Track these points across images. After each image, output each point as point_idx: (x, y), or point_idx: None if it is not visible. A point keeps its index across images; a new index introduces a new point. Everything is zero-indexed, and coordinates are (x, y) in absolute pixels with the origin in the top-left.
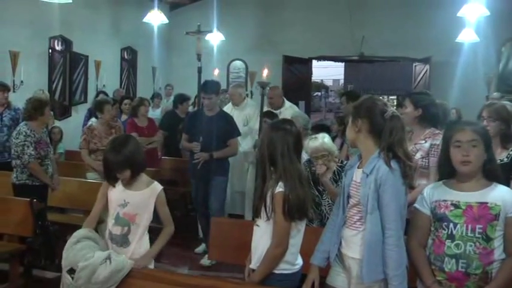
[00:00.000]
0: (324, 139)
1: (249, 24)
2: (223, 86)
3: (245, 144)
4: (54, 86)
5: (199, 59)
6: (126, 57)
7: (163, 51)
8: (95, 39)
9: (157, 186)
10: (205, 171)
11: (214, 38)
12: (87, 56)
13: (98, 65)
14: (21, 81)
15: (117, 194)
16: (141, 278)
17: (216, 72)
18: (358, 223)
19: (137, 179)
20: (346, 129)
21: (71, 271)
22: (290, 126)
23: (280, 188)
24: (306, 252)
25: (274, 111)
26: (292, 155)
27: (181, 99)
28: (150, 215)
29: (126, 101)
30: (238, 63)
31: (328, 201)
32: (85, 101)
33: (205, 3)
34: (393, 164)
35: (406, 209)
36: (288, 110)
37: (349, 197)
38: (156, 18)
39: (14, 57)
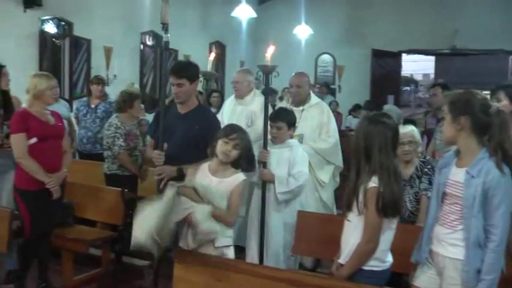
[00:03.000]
0: (413, 128)
1: (337, 18)
2: (310, 80)
3: None
4: (145, 79)
5: (165, 30)
6: (214, 51)
7: (251, 45)
8: (184, 34)
9: (241, 176)
10: None
11: (302, 32)
12: (177, 51)
13: (187, 59)
14: (115, 75)
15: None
16: (235, 271)
17: (212, 56)
18: (455, 222)
19: (228, 168)
20: (444, 125)
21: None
22: (389, 120)
23: (373, 183)
24: (396, 250)
25: (295, 107)
26: (389, 150)
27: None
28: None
29: (214, 94)
30: (326, 57)
31: (409, 197)
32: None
33: None
34: (504, 167)
35: None
36: (315, 109)
37: (444, 194)
38: (244, 12)
39: (108, 52)
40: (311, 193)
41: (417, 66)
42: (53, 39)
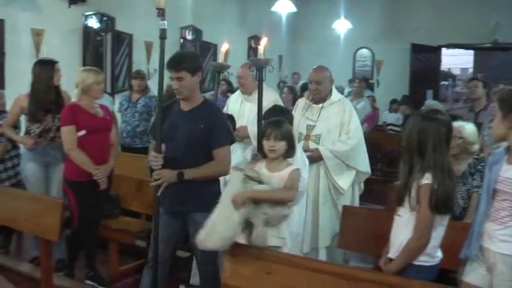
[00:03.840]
0: (466, 124)
1: (377, 12)
2: (349, 75)
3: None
4: None
5: (161, 16)
6: (253, 45)
7: (290, 39)
8: (223, 28)
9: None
10: (175, 201)
11: (341, 26)
12: (216, 45)
13: (226, 53)
14: (155, 70)
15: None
16: (279, 263)
17: (225, 47)
18: (506, 218)
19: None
20: (494, 122)
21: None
22: (442, 116)
23: (427, 180)
24: (444, 246)
25: (314, 105)
26: (443, 147)
27: (305, 86)
28: None
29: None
30: (364, 52)
31: (461, 194)
32: (212, 89)
33: None
34: None
35: None
36: (336, 107)
37: (495, 191)
38: (284, 7)
39: (149, 47)
40: (325, 200)
41: (455, 60)
42: (96, 34)
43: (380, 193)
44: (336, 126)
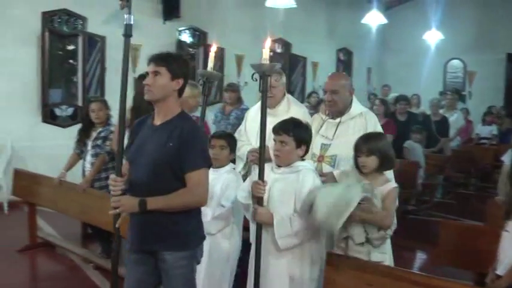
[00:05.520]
0: None
1: (469, 22)
2: (439, 87)
3: None
4: None
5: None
6: (341, 58)
7: (379, 51)
8: (312, 41)
9: (392, 184)
10: (140, 236)
11: (432, 37)
12: (305, 58)
13: (315, 66)
14: (246, 83)
15: None
16: (382, 275)
17: (213, 51)
18: None
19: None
20: None
21: None
22: None
23: None
24: None
25: (331, 119)
26: None
27: (401, 98)
28: None
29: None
30: (455, 63)
31: None
32: (302, 101)
33: (422, 2)
34: None
35: None
36: (356, 122)
37: None
38: (374, 18)
39: (239, 60)
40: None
41: None
42: (189, 48)
43: (475, 208)
44: None
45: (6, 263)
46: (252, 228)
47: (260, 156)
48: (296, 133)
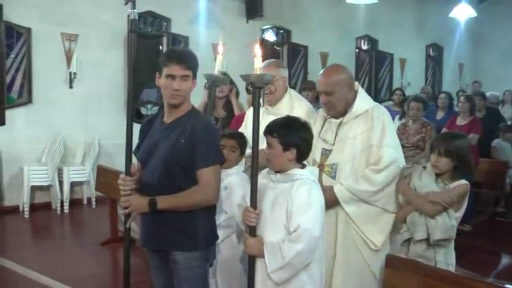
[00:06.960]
0: None
1: None
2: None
3: None
4: (360, 83)
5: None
6: (431, 54)
7: (471, 46)
8: (399, 37)
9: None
10: (152, 237)
11: None
12: (392, 54)
13: (402, 62)
14: None
15: None
16: (448, 282)
17: (220, 50)
18: None
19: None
20: None
21: None
22: None
23: None
24: None
25: (333, 119)
26: None
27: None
28: None
29: (442, 95)
30: None
31: None
32: (389, 98)
33: None
34: None
35: None
36: (360, 122)
37: None
38: (463, 12)
39: (324, 58)
40: (346, 259)
41: None
42: (273, 46)
43: None
44: (362, 150)
45: (89, 255)
46: None
47: (252, 180)
48: (281, 134)
